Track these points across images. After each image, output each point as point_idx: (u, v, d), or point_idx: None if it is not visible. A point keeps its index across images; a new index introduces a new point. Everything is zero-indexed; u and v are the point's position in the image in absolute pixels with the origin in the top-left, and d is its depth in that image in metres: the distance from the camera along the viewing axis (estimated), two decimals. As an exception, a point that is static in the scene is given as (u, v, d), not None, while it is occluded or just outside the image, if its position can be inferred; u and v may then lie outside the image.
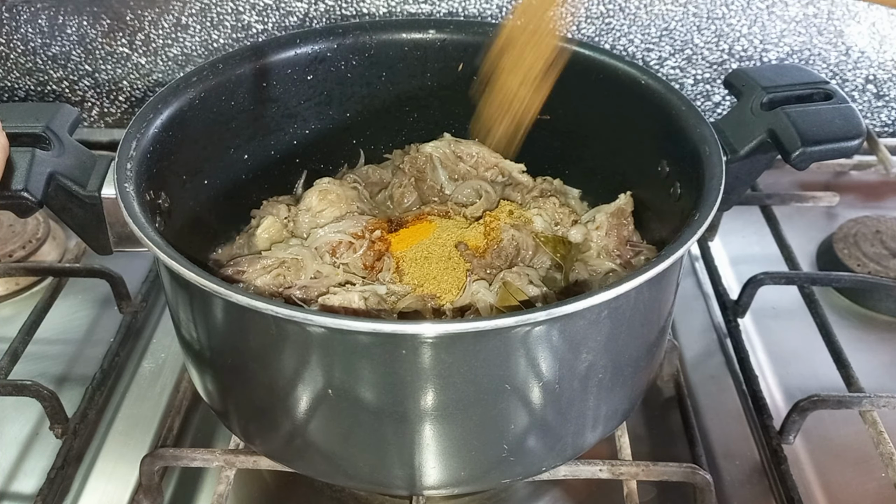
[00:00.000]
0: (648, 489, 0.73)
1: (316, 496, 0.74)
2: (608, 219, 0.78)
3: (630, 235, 0.78)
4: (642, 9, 1.07)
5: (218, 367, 0.66)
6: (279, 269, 0.73)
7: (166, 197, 0.71)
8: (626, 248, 0.77)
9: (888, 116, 1.17)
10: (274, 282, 0.72)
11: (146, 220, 0.60)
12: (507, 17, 0.79)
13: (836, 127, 0.68)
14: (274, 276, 0.73)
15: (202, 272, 0.55)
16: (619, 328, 0.60)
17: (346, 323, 0.52)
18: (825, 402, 0.76)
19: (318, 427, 0.61)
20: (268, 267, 0.73)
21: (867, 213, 1.04)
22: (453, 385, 0.57)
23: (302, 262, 0.74)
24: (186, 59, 1.11)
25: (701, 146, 0.67)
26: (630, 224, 0.78)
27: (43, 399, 0.75)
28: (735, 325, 0.89)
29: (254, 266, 0.73)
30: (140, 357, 0.88)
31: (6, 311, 0.93)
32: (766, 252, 1.00)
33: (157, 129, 0.70)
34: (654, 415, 0.81)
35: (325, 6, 1.06)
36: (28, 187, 0.62)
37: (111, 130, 1.17)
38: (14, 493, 0.74)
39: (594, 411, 0.64)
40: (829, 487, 0.75)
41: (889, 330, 0.92)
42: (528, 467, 0.65)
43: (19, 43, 1.10)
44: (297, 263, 0.73)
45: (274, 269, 0.73)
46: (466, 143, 0.87)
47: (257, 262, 0.73)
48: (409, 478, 0.63)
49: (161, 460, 0.71)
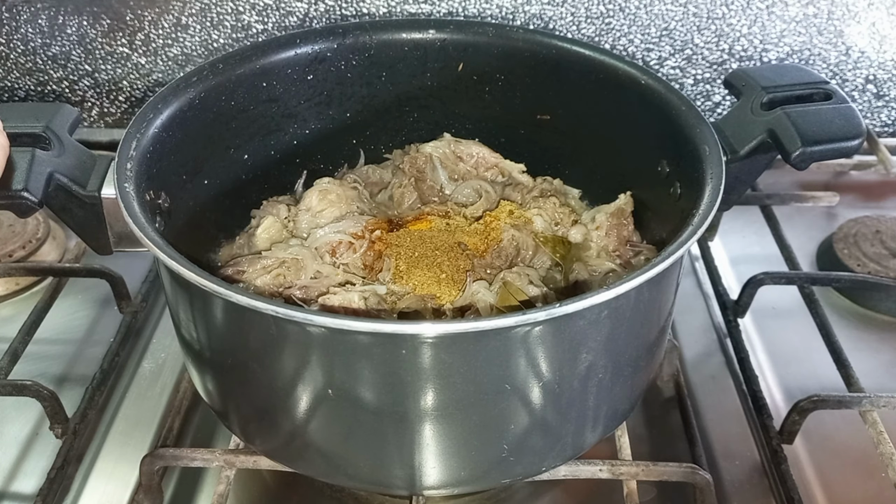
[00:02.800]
0: (648, 489, 0.73)
1: (316, 496, 0.74)
2: (608, 219, 0.78)
3: (630, 235, 0.78)
4: (642, 9, 1.07)
5: (218, 367, 0.66)
6: (279, 270, 0.73)
7: (166, 197, 0.71)
8: (626, 248, 0.77)
9: (888, 116, 1.17)
10: (274, 282, 0.73)
11: (146, 220, 0.60)
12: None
13: (836, 127, 0.68)
14: (274, 277, 0.73)
15: (202, 272, 0.55)
16: (619, 328, 0.60)
17: (346, 323, 0.52)
18: (825, 402, 0.76)
19: (318, 427, 0.61)
20: (268, 267, 0.73)
21: (867, 213, 1.04)
22: (453, 385, 0.57)
23: (302, 262, 0.74)
24: (186, 59, 1.11)
25: (701, 146, 0.67)
26: (630, 224, 0.78)
27: (43, 399, 0.75)
28: (735, 325, 0.89)
29: (254, 266, 0.73)
30: (140, 357, 0.88)
31: (6, 311, 0.93)
32: (766, 252, 1.00)
33: (157, 129, 0.70)
34: (654, 415, 0.81)
35: (325, 6, 1.06)
36: (28, 187, 0.62)
37: (111, 130, 1.17)
38: (14, 493, 0.74)
39: (594, 411, 0.64)
40: (829, 487, 0.75)
41: (889, 330, 0.92)
42: (528, 467, 0.65)
43: (19, 43, 1.10)
44: (297, 263, 0.73)
45: (274, 269, 0.73)
46: (466, 143, 0.88)
47: (257, 262, 0.74)
48: (409, 478, 0.63)
49: (161, 460, 0.71)
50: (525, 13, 1.07)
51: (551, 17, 1.07)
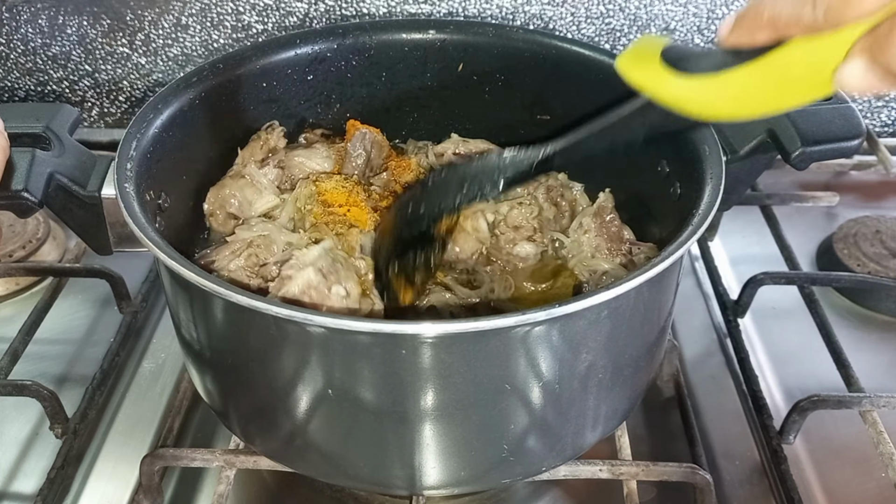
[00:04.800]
0: (648, 489, 0.73)
1: (316, 496, 0.74)
2: (592, 220, 0.78)
3: (620, 231, 0.78)
4: (642, 9, 1.07)
5: (218, 368, 0.66)
6: (250, 250, 0.72)
7: (166, 197, 0.71)
8: (622, 245, 0.77)
9: (888, 116, 1.17)
10: (247, 263, 0.71)
11: (146, 220, 0.60)
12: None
13: (835, 127, 0.68)
14: (246, 258, 0.71)
15: (202, 272, 0.55)
16: (619, 328, 0.60)
17: (347, 323, 0.52)
18: (825, 402, 0.76)
19: (318, 427, 0.61)
20: (236, 251, 0.71)
21: (867, 213, 1.04)
22: (453, 385, 0.57)
23: (269, 236, 0.73)
24: (186, 59, 1.11)
25: (701, 146, 0.67)
26: (616, 220, 0.78)
27: (43, 399, 0.75)
28: (735, 325, 0.89)
29: (222, 253, 0.71)
30: (140, 357, 0.88)
31: (6, 311, 0.93)
32: (766, 252, 1.00)
33: (157, 129, 0.70)
34: (654, 415, 0.81)
35: (325, 6, 1.06)
36: (28, 187, 0.62)
37: (111, 130, 1.17)
38: (14, 493, 0.74)
39: (594, 411, 0.64)
40: (829, 487, 0.75)
41: (889, 330, 0.92)
42: (528, 467, 0.65)
43: (19, 43, 1.10)
44: (265, 240, 0.72)
45: (243, 251, 0.72)
46: (474, 143, 0.87)
47: (225, 248, 0.72)
48: (409, 478, 0.63)
49: (161, 460, 0.71)
50: (525, 13, 1.07)
51: (551, 17, 1.07)
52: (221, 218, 0.78)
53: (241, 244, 0.72)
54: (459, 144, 0.87)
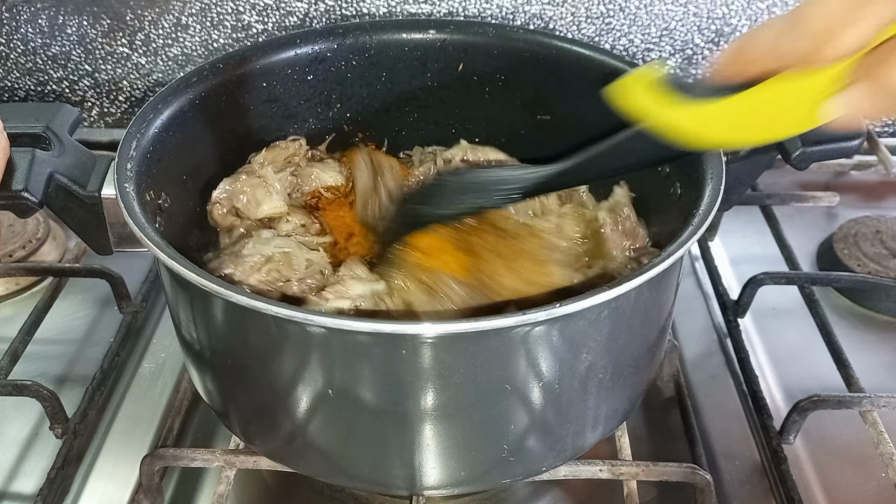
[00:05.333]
0: (648, 489, 0.73)
1: (316, 496, 0.74)
2: (608, 215, 0.78)
3: (634, 227, 0.78)
4: (642, 9, 1.07)
5: (218, 368, 0.66)
6: (270, 265, 0.72)
7: (166, 197, 0.71)
8: (638, 239, 0.77)
9: (888, 116, 1.17)
10: (268, 278, 0.71)
11: (146, 220, 0.60)
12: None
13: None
14: (267, 273, 0.71)
15: (202, 272, 0.55)
16: (619, 328, 0.60)
17: (347, 323, 0.52)
18: (825, 402, 0.76)
19: (318, 427, 0.61)
20: (255, 265, 0.71)
21: (867, 213, 1.04)
22: (453, 385, 0.57)
23: (290, 253, 0.72)
24: (186, 59, 1.11)
25: (701, 146, 0.67)
26: (632, 215, 0.78)
27: (43, 399, 0.75)
28: (735, 325, 0.89)
29: (242, 266, 0.71)
30: (140, 357, 0.88)
31: (6, 311, 0.93)
32: (766, 252, 1.00)
33: (157, 129, 0.70)
34: (654, 415, 0.81)
35: (325, 6, 1.06)
36: (28, 187, 0.62)
37: (111, 130, 1.17)
38: (14, 493, 0.74)
39: (594, 411, 0.64)
40: (829, 487, 0.75)
41: (889, 330, 0.92)
42: (528, 467, 0.65)
43: (19, 43, 1.10)
44: (286, 257, 0.72)
45: (262, 266, 0.71)
46: (483, 150, 0.87)
47: (243, 261, 0.71)
48: (409, 478, 0.63)
49: (161, 460, 0.71)
50: (525, 13, 1.07)
51: (551, 17, 1.07)
52: (224, 210, 0.78)
53: (259, 258, 0.72)
54: (468, 151, 0.87)
